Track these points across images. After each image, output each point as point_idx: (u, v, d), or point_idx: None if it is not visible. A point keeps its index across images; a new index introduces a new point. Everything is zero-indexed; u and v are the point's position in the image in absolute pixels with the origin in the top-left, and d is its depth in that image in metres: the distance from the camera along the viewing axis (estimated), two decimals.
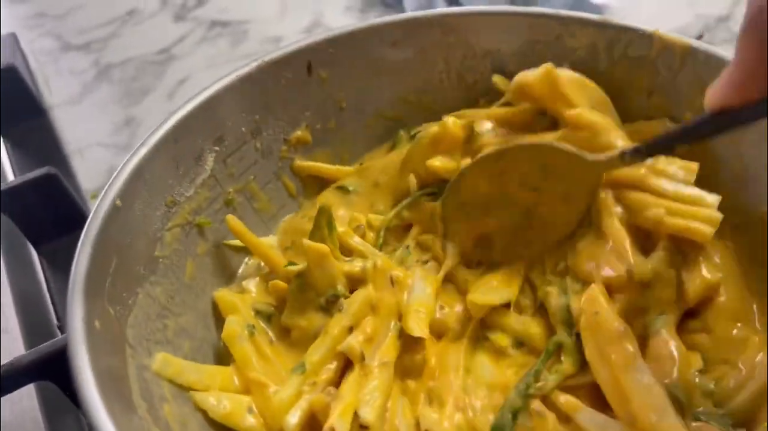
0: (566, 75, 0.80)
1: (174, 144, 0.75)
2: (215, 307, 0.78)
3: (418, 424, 0.65)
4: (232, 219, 0.79)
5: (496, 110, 0.84)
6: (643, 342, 0.66)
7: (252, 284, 0.80)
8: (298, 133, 0.88)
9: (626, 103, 0.85)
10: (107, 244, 0.64)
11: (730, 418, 0.63)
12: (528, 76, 0.81)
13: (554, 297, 0.70)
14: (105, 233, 0.65)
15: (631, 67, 0.83)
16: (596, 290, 0.68)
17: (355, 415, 0.63)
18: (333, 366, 0.68)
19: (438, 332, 0.73)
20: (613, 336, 0.64)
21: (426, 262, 0.78)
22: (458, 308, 0.74)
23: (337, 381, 0.67)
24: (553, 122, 0.82)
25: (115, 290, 0.64)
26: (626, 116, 0.85)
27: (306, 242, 0.71)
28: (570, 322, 0.68)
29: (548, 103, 0.81)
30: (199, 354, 0.73)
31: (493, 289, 0.72)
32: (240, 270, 0.83)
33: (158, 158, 0.73)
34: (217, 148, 0.81)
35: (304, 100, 0.88)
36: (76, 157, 1.16)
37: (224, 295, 0.77)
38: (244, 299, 0.77)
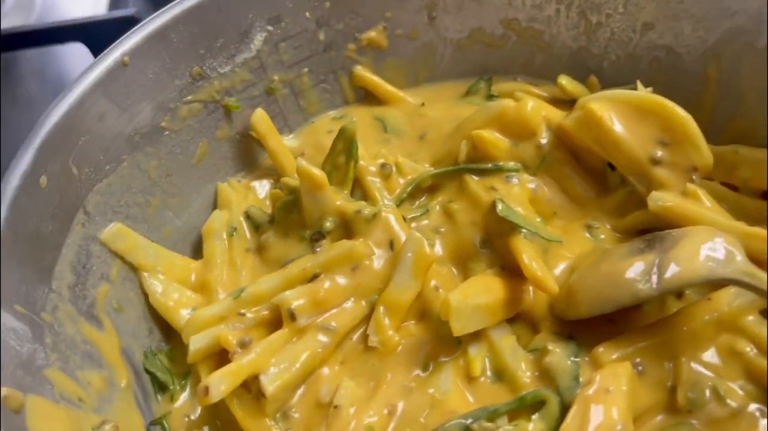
0: (619, 107, 0.64)
1: (217, 11, 0.68)
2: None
3: None
4: (259, 114, 0.71)
5: (565, 123, 0.68)
6: None
7: (261, 186, 0.73)
8: (372, 34, 0.77)
9: None
10: (96, 98, 0.60)
11: None
12: (565, 122, 0.67)
13: (560, 358, 0.56)
14: (98, 87, 0.60)
15: None
16: (628, 368, 0.54)
17: None
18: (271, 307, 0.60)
19: (419, 311, 0.62)
20: (610, 423, 0.50)
21: (440, 231, 0.66)
22: None
23: (273, 326, 0.59)
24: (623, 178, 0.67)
25: (89, 149, 0.59)
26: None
27: (299, 163, 0.62)
28: (567, 388, 0.55)
29: (600, 152, 0.66)
30: (180, 244, 0.69)
31: (477, 309, 0.57)
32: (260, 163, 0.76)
33: (192, 21, 0.66)
34: (270, 27, 0.72)
35: None
36: None
37: (226, 187, 0.71)
38: (242, 197, 0.70)
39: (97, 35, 0.90)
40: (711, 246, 0.54)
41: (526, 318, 0.62)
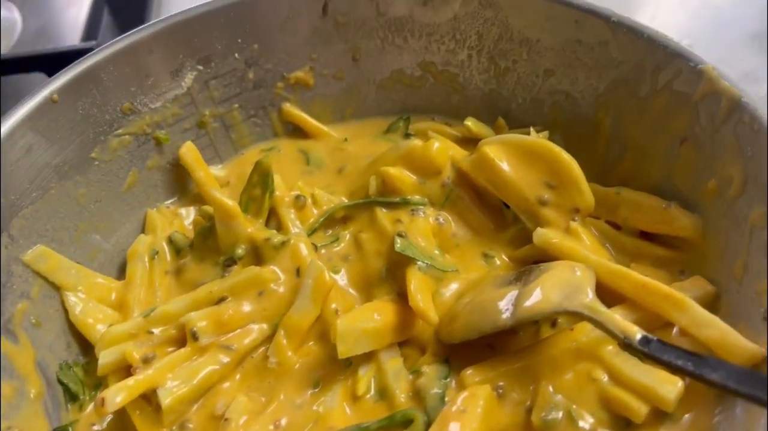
0: (511, 150, 0.70)
1: (147, 53, 0.74)
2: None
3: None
4: (187, 146, 0.76)
5: (462, 164, 0.73)
6: None
7: (188, 213, 0.78)
8: (300, 73, 0.83)
9: (655, 144, 0.70)
10: (24, 132, 0.65)
11: None
12: (462, 163, 0.72)
13: (431, 380, 0.61)
14: (26, 122, 0.65)
15: (672, 102, 0.67)
16: (486, 390, 0.58)
17: None
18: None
19: (319, 333, 0.66)
20: None
21: (349, 259, 0.71)
22: None
23: (180, 344, 0.65)
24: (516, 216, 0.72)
25: (15, 178, 0.65)
26: (651, 161, 0.70)
27: (212, 194, 0.68)
28: (433, 408, 0.59)
29: (494, 191, 0.72)
30: (107, 265, 0.74)
31: (365, 333, 0.62)
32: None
33: (122, 61, 0.72)
34: (200, 67, 0.78)
35: (315, 42, 0.82)
36: None
37: (153, 213, 0.77)
38: (168, 223, 0.76)
39: (58, 66, 0.97)
40: (567, 281, 0.59)
41: (415, 342, 0.67)
